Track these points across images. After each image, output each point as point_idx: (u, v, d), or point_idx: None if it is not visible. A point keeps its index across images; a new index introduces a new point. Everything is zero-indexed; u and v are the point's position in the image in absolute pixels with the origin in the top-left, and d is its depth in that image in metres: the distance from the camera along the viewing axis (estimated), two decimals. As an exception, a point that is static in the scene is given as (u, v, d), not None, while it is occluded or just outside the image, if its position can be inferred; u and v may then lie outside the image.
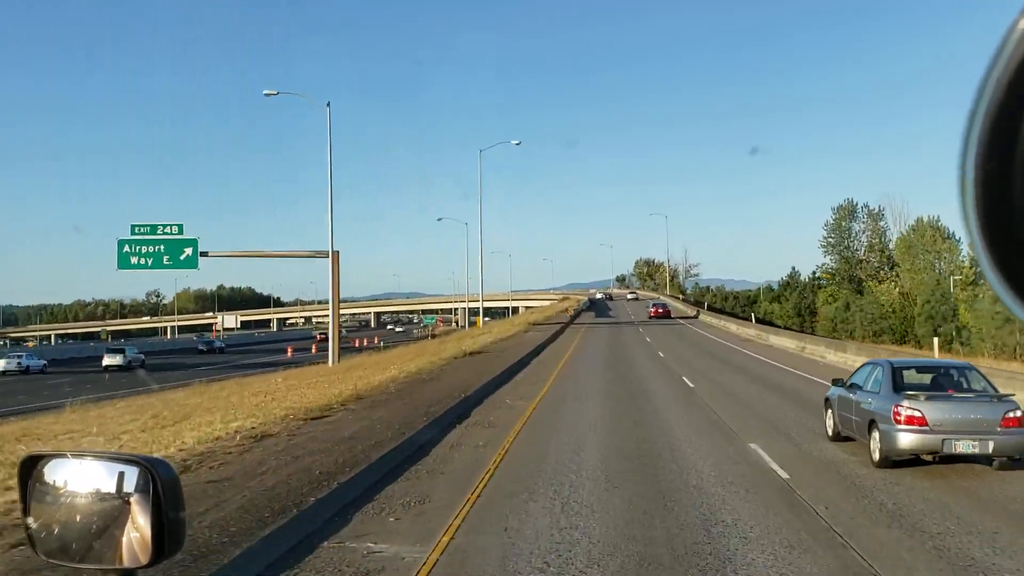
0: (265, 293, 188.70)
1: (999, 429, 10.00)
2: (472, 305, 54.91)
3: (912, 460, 10.41)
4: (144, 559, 1.63)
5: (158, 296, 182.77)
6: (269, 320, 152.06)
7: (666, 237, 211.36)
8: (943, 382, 11.63)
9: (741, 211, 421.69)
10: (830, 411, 12.92)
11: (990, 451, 9.94)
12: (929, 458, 10.29)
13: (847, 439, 12.10)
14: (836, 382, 13.27)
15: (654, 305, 69.90)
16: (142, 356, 55.85)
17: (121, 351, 54.69)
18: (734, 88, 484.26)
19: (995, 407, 10.28)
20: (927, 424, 10.07)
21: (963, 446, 9.95)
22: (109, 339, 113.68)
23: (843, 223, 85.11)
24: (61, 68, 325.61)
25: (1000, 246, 0.74)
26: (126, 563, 1.64)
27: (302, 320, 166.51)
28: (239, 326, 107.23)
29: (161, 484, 1.63)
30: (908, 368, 12.36)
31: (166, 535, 1.62)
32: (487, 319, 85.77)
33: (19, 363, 50.68)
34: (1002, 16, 0.70)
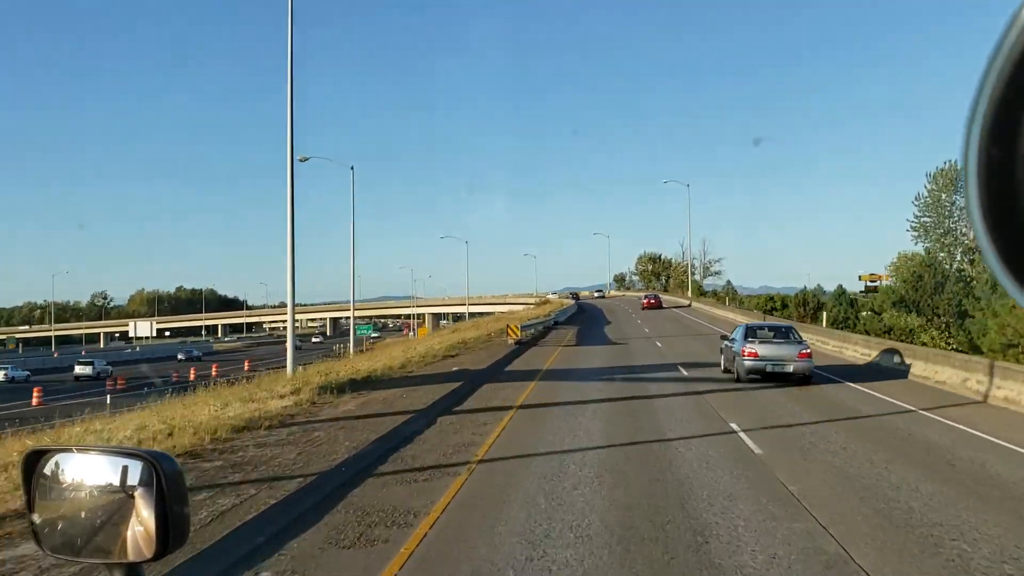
0: (231, 295, 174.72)
1: (796, 358, 18.18)
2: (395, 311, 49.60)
3: (755, 379, 18.39)
4: (148, 553, 1.64)
5: (105, 298, 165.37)
6: (200, 327, 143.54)
7: (687, 216, 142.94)
8: (776, 334, 19.73)
9: (746, 212, 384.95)
10: (722, 355, 20.91)
11: (791, 371, 18.13)
12: (758, 376, 18.26)
13: (730, 371, 19.95)
14: (724, 337, 21.38)
15: (645, 298, 65.88)
16: (110, 368, 60.77)
17: (91, 363, 60.34)
18: (735, 86, 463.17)
19: (795, 347, 18.47)
20: (758, 356, 18.09)
21: (777, 368, 17.97)
22: (18, 348, 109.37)
23: (943, 196, 57.94)
24: None
25: (1003, 233, 0.75)
26: (131, 557, 1.66)
27: (249, 325, 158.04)
28: (154, 334, 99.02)
29: (165, 478, 1.65)
30: (761, 328, 20.52)
31: (170, 529, 1.64)
32: (444, 322, 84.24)
33: (5, 374, 54.81)
34: (1004, 11, 0.72)
